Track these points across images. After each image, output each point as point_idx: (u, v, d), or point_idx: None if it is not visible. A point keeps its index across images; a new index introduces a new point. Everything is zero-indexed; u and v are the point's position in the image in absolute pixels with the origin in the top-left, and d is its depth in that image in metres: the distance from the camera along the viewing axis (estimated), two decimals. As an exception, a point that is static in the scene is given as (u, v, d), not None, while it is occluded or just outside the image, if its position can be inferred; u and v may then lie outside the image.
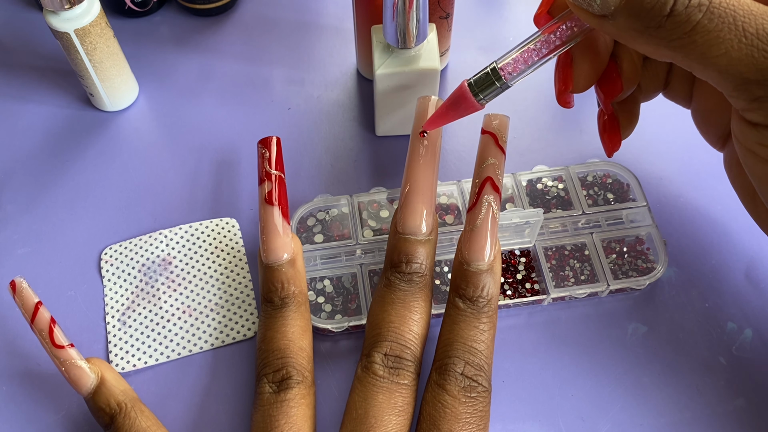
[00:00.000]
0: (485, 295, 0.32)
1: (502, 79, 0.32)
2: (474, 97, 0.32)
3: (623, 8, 0.27)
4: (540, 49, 0.31)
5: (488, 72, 0.32)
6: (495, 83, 0.32)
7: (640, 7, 0.26)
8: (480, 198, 0.34)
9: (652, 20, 0.27)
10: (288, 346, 0.33)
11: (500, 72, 0.32)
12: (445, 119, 0.34)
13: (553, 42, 0.31)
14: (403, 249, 0.34)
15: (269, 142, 0.38)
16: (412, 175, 0.35)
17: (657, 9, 0.26)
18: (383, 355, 0.32)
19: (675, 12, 0.26)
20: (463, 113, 0.33)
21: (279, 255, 0.35)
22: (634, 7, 0.27)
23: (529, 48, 0.31)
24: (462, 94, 0.33)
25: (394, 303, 0.33)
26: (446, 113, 0.34)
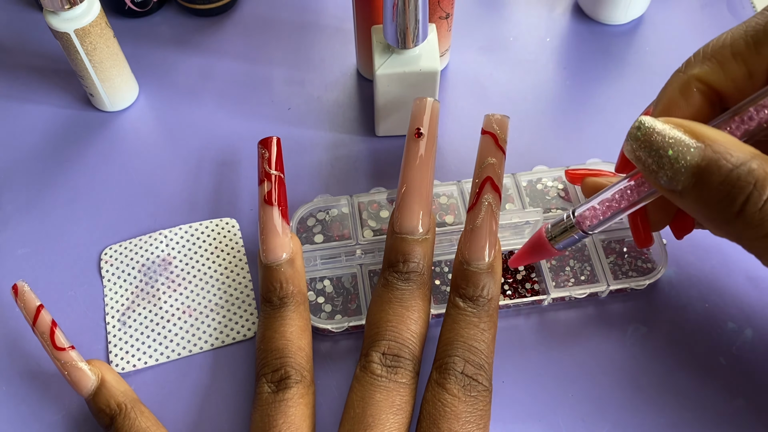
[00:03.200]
0: (485, 294, 0.32)
1: (578, 228, 0.32)
2: (551, 242, 0.33)
3: (691, 191, 0.25)
4: (619, 201, 0.30)
5: (565, 219, 0.32)
6: (572, 233, 0.32)
7: (708, 197, 0.25)
8: (480, 198, 0.34)
9: (721, 214, 0.25)
10: (287, 346, 0.33)
11: (578, 221, 0.31)
12: (526, 260, 0.35)
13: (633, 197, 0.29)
14: (400, 249, 0.34)
15: (269, 142, 0.38)
16: (408, 175, 0.35)
17: (726, 204, 0.24)
18: (381, 354, 0.32)
19: (746, 212, 0.24)
20: (543, 257, 0.34)
21: (278, 255, 0.35)
22: (702, 196, 0.25)
23: (608, 199, 0.30)
24: (539, 240, 0.33)
25: (392, 302, 0.33)
26: (526, 256, 0.35)
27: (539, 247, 0.34)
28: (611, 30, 0.51)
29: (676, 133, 0.25)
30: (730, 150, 0.24)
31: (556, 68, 0.49)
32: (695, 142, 0.25)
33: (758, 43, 0.27)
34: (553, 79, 0.49)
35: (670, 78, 0.30)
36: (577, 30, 0.51)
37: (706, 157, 0.24)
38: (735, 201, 0.24)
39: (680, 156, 0.25)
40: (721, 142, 0.24)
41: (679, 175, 0.25)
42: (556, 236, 0.33)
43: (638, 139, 0.26)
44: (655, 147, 0.25)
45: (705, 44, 0.29)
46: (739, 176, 0.24)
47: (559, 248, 0.33)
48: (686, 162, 0.25)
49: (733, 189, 0.24)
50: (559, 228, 0.32)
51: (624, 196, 0.30)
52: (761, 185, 0.24)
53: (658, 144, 0.25)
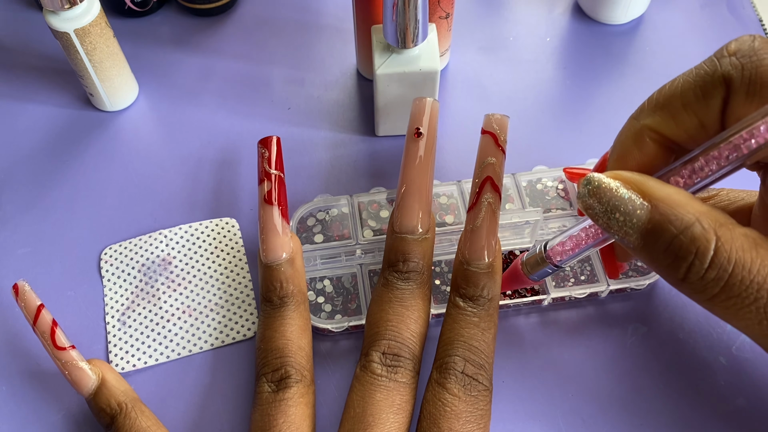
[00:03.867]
0: (486, 294, 0.32)
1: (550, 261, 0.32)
2: (527, 275, 0.34)
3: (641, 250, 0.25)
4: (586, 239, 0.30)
5: (538, 252, 0.33)
6: (543, 266, 0.33)
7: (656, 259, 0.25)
8: (480, 198, 0.34)
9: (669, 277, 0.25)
10: (287, 346, 0.33)
11: (548, 256, 0.32)
12: (512, 287, 0.36)
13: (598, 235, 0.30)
14: (399, 248, 0.34)
15: (269, 141, 0.38)
16: (407, 175, 0.35)
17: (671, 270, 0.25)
18: (381, 353, 0.32)
19: (689, 280, 0.24)
20: (521, 285, 0.36)
21: (278, 254, 0.35)
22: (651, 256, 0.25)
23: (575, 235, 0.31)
24: (515, 270, 0.35)
25: (391, 302, 0.33)
26: (507, 284, 0.36)
27: (516, 277, 0.35)
28: (611, 30, 0.51)
29: (623, 192, 0.25)
30: (675, 211, 0.24)
31: (556, 68, 0.49)
32: (642, 203, 0.25)
33: (706, 94, 0.26)
34: (553, 79, 0.49)
35: (625, 125, 0.29)
36: (577, 30, 0.51)
37: (652, 219, 0.25)
38: (678, 269, 0.24)
39: (627, 218, 0.25)
40: (667, 201, 0.24)
41: (628, 236, 0.25)
42: (530, 268, 0.34)
43: (585, 201, 0.26)
44: (603, 207, 0.26)
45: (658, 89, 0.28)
46: (681, 244, 0.24)
47: (534, 279, 0.34)
48: (632, 224, 0.25)
49: (677, 257, 0.24)
50: (532, 260, 0.33)
51: (590, 234, 0.30)
52: (702, 254, 0.24)
53: (605, 204, 0.26)
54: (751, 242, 0.24)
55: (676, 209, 0.24)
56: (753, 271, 0.23)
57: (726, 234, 0.24)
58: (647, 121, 0.28)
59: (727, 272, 0.23)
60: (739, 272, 0.23)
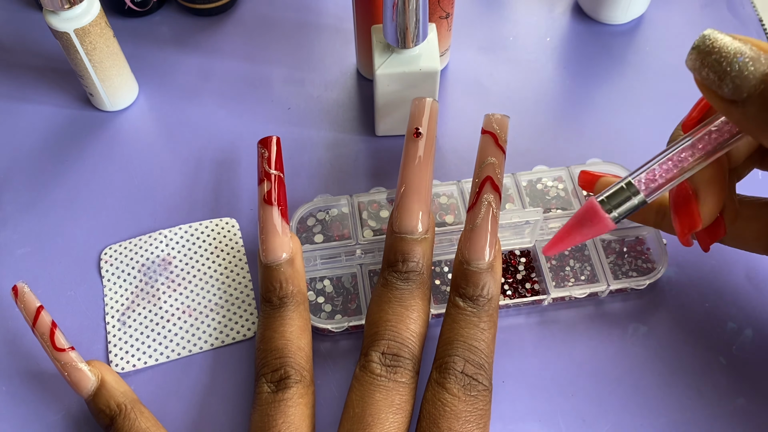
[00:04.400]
0: (485, 294, 0.32)
1: (640, 194, 0.29)
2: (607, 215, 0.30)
3: (757, 97, 0.25)
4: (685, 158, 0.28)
5: (623, 186, 0.29)
6: (632, 198, 0.29)
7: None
8: (480, 197, 0.34)
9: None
10: (286, 346, 0.33)
11: (637, 186, 0.29)
12: (571, 240, 0.31)
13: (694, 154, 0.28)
14: (399, 248, 0.34)
15: (269, 141, 0.38)
16: (407, 175, 0.35)
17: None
18: (381, 353, 0.32)
19: None
20: (592, 234, 0.30)
21: (278, 254, 0.35)
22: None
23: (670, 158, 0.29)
24: (592, 210, 0.30)
25: (391, 302, 0.33)
26: (571, 234, 0.31)
27: (592, 221, 0.30)
28: (611, 30, 0.51)
29: (742, 43, 0.25)
30: None
31: (556, 68, 0.49)
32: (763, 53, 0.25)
33: None
34: (553, 79, 0.49)
35: None
36: (577, 30, 0.51)
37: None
38: None
39: (749, 64, 0.25)
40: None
41: (746, 81, 0.25)
42: (613, 206, 0.29)
43: (703, 49, 0.26)
44: (723, 53, 0.25)
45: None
46: None
47: (616, 220, 0.30)
48: (755, 69, 0.25)
49: None
50: (616, 195, 0.29)
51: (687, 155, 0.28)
52: None
53: (726, 49, 0.25)
54: None
55: None
56: None
57: None
58: None
59: None
60: None
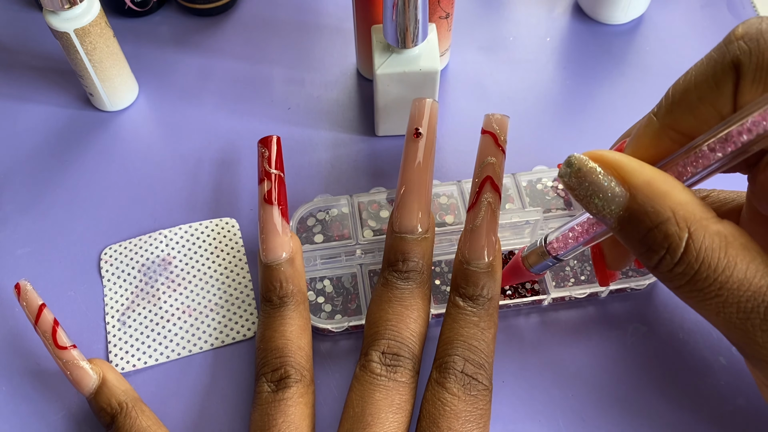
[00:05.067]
0: (485, 294, 0.32)
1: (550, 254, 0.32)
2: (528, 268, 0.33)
3: (619, 232, 0.26)
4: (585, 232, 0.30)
5: (539, 245, 0.32)
6: (544, 258, 0.32)
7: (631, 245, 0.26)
8: (480, 197, 0.34)
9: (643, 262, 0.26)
10: (286, 345, 0.33)
11: (548, 248, 0.32)
12: (508, 283, 0.36)
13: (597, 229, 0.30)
14: (399, 248, 0.34)
15: (269, 141, 0.38)
16: (407, 175, 0.35)
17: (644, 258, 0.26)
18: (381, 353, 0.32)
19: (660, 270, 0.25)
20: (522, 279, 0.35)
21: (278, 254, 0.35)
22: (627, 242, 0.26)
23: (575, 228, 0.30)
24: (516, 265, 0.34)
25: (391, 301, 0.33)
26: (507, 278, 0.35)
27: (517, 271, 0.34)
28: (611, 30, 0.51)
29: (602, 178, 0.26)
30: (653, 203, 0.25)
31: (556, 68, 0.49)
32: (621, 190, 0.25)
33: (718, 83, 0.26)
34: (553, 79, 0.49)
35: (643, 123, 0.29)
36: (577, 30, 0.51)
37: (629, 208, 0.25)
38: (651, 259, 0.25)
39: (606, 203, 0.26)
40: (646, 191, 0.25)
41: (606, 220, 0.26)
42: (530, 261, 0.33)
43: (565, 181, 0.26)
44: (582, 191, 0.26)
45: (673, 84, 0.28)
46: (655, 238, 0.25)
47: (535, 272, 0.34)
48: (611, 210, 0.26)
49: (650, 248, 0.25)
50: (533, 254, 0.33)
51: (586, 227, 0.30)
52: (673, 250, 0.24)
53: (585, 188, 0.26)
54: (723, 241, 0.24)
55: (654, 200, 0.25)
56: (718, 271, 0.24)
57: (698, 232, 0.24)
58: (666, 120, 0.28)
59: (693, 269, 0.24)
60: (704, 270, 0.24)
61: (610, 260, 0.34)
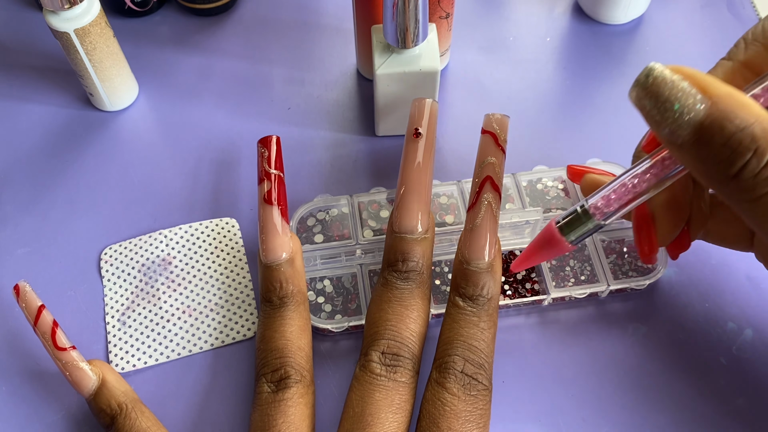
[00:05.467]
0: (485, 293, 0.32)
1: (593, 218, 0.30)
2: (564, 238, 0.31)
3: (691, 146, 0.25)
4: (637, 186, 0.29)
5: (578, 212, 0.31)
6: (587, 224, 0.31)
7: (707, 155, 0.25)
8: (480, 197, 0.34)
9: (717, 174, 0.25)
10: (286, 346, 0.33)
11: (591, 211, 0.30)
12: (534, 261, 0.34)
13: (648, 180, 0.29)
14: (399, 248, 0.34)
15: (269, 141, 0.38)
16: (407, 175, 0.35)
17: (724, 166, 0.24)
18: (381, 353, 0.32)
19: (741, 177, 0.24)
20: (553, 255, 0.33)
21: (278, 254, 0.35)
22: (701, 153, 0.25)
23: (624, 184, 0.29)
24: (550, 234, 0.32)
25: (391, 301, 0.33)
26: (533, 256, 0.34)
27: (550, 244, 0.32)
28: (611, 30, 0.51)
29: (684, 85, 0.25)
30: (736, 110, 0.24)
31: (556, 68, 0.49)
32: (702, 98, 0.24)
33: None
34: (553, 79, 0.49)
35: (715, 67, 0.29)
36: (577, 30, 0.51)
37: (710, 115, 0.24)
38: (733, 164, 0.24)
39: (685, 111, 0.24)
40: (728, 100, 0.24)
41: (681, 129, 0.25)
42: (569, 230, 0.31)
43: (646, 87, 0.25)
44: (661, 98, 0.25)
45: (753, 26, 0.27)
46: (741, 141, 0.24)
47: (573, 242, 0.32)
48: (690, 118, 0.24)
49: (733, 153, 0.24)
50: (573, 221, 0.31)
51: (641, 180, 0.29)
52: (761, 152, 0.24)
53: (664, 95, 0.25)
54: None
55: (737, 108, 0.24)
56: None
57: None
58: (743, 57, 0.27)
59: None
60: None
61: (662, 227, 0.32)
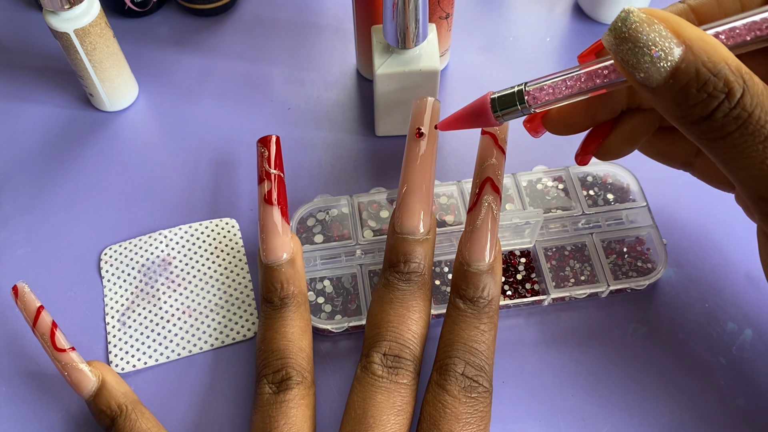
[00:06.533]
0: (486, 295, 0.32)
1: (525, 102, 0.30)
2: (493, 113, 0.31)
3: (665, 90, 0.26)
4: (573, 85, 0.29)
5: (514, 92, 0.30)
6: (517, 105, 0.30)
7: (683, 100, 0.25)
8: (480, 198, 0.34)
9: (690, 115, 0.26)
10: (287, 347, 0.33)
11: (525, 96, 0.30)
12: (460, 125, 0.33)
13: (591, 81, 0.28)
14: (401, 249, 0.34)
15: (268, 140, 0.38)
16: (409, 175, 0.35)
17: (698, 108, 0.25)
18: (382, 354, 0.32)
19: (713, 118, 0.25)
20: (479, 125, 0.33)
21: (278, 255, 0.35)
22: (677, 97, 0.25)
23: (562, 80, 0.29)
24: (482, 106, 0.31)
25: (392, 303, 0.33)
26: (462, 120, 0.33)
27: (478, 113, 0.32)
28: (611, 30, 0.51)
29: (660, 29, 0.25)
30: (709, 54, 0.25)
31: (556, 68, 0.49)
32: (677, 41, 0.25)
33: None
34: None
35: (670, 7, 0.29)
36: (577, 30, 0.51)
37: (685, 59, 0.25)
38: (707, 107, 0.25)
39: (662, 56, 0.25)
40: (700, 44, 0.25)
41: (657, 74, 0.25)
42: (501, 107, 0.31)
43: (622, 32, 0.26)
44: (639, 43, 0.25)
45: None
46: (715, 84, 0.25)
47: (498, 119, 0.31)
48: (665, 63, 0.25)
49: (708, 96, 0.25)
50: (505, 99, 0.31)
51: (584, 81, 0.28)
52: (732, 94, 0.25)
53: (641, 41, 0.25)
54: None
55: (710, 52, 0.25)
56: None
57: (751, 79, 0.25)
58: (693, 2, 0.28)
59: (748, 112, 0.25)
60: (758, 113, 0.25)
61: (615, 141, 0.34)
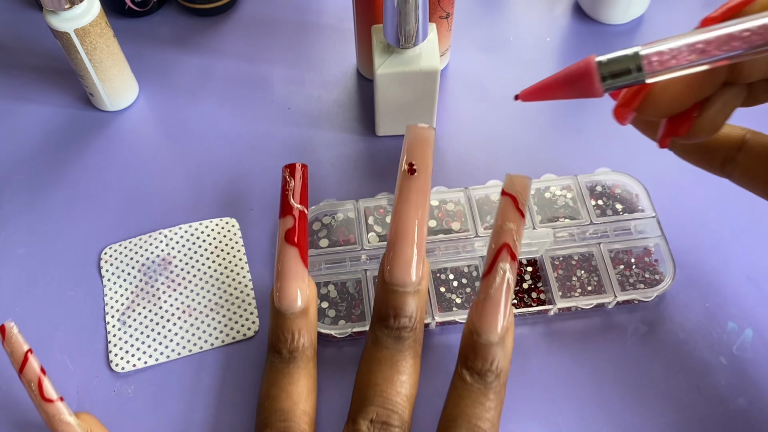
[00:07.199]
0: (494, 368, 0.31)
1: (642, 70, 0.25)
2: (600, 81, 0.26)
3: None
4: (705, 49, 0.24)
5: (628, 55, 0.25)
6: (630, 72, 0.25)
7: None
8: (495, 265, 0.32)
9: None
10: (292, 409, 0.32)
11: (643, 61, 0.25)
12: (551, 94, 0.28)
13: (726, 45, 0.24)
14: (390, 302, 0.32)
15: (295, 169, 0.36)
16: (399, 218, 0.33)
17: None
18: (369, 421, 0.30)
19: None
20: (575, 94, 0.27)
21: (293, 302, 0.33)
22: None
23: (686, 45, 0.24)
24: (586, 70, 0.26)
25: (381, 363, 0.31)
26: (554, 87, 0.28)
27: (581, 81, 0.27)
28: (611, 30, 0.51)
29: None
30: None
31: (556, 68, 0.49)
32: None
33: None
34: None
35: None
36: (577, 30, 0.51)
37: None
38: None
39: None
40: None
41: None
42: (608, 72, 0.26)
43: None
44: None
45: None
46: None
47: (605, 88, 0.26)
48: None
49: None
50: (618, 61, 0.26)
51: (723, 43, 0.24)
52: None
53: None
54: None
55: None
56: None
57: None
58: None
59: None
60: None
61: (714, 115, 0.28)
